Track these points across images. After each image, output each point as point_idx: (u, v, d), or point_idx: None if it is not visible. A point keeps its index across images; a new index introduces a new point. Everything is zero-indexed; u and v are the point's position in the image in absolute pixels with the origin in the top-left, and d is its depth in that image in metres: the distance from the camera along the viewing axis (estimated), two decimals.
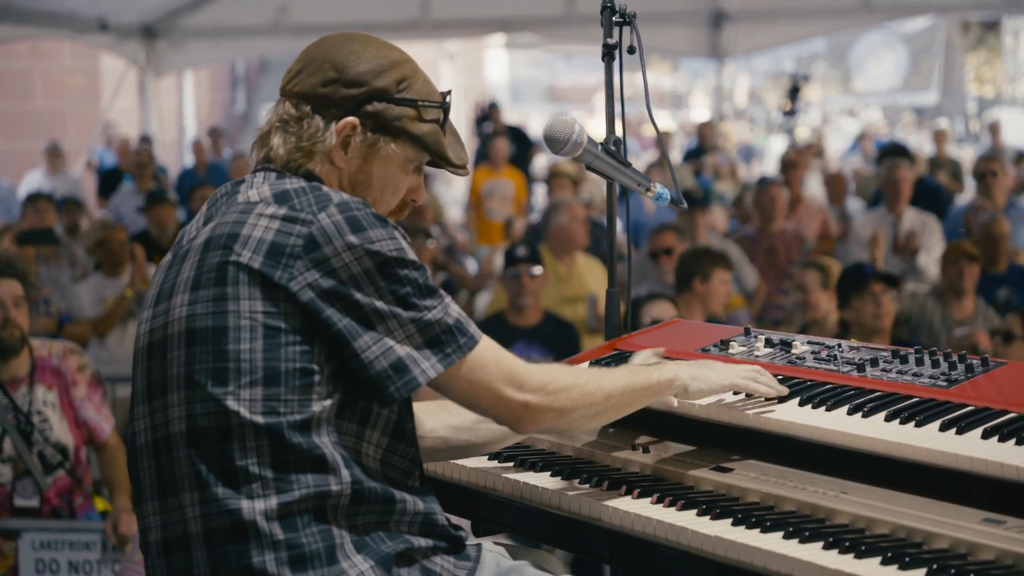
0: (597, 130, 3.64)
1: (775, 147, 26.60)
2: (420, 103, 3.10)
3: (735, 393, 3.39)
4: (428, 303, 2.91)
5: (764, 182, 11.40)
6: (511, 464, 3.58)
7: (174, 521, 2.94)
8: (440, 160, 3.15)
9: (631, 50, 3.85)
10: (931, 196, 12.91)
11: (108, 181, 16.76)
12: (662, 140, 3.65)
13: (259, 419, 2.85)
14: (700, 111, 28.81)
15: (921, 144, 24.29)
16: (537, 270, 8.47)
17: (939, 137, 21.74)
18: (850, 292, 8.10)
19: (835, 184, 14.74)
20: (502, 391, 3.00)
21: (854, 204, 15.25)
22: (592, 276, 9.75)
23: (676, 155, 19.35)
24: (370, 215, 2.91)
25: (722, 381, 3.35)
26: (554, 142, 3.51)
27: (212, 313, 2.89)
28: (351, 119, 3.05)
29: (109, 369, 8.59)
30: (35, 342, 6.32)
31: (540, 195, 17.78)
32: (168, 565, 2.96)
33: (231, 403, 2.86)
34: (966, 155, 25.73)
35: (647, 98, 3.77)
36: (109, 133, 20.18)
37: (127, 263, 9.79)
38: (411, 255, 2.92)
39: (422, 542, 2.98)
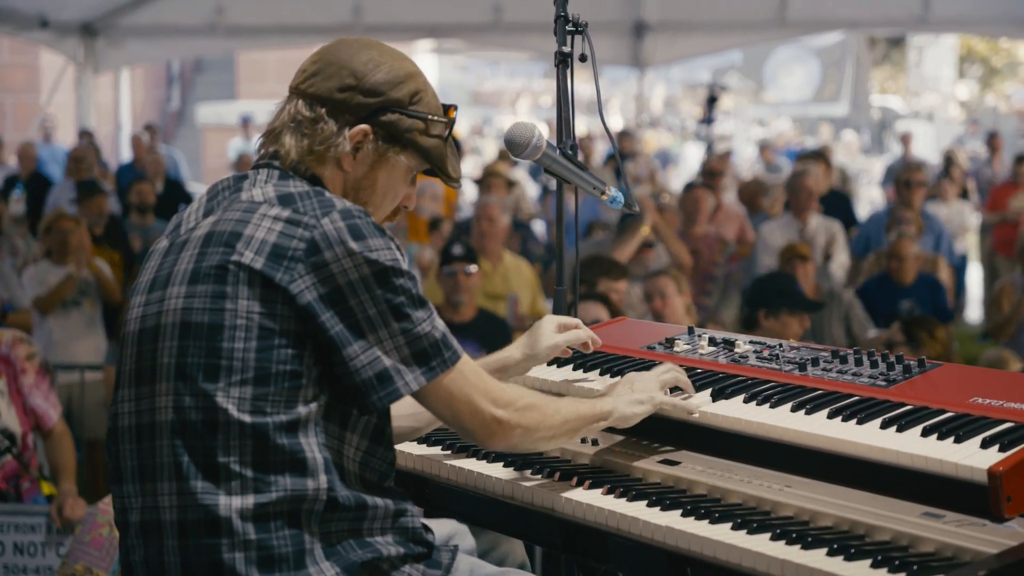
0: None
1: (690, 154, 26.74)
2: (430, 117, 3.10)
3: (672, 390, 3.41)
4: (419, 314, 2.90)
5: (689, 187, 11.44)
6: (464, 454, 3.58)
7: (150, 506, 2.92)
8: (441, 173, 3.16)
9: (583, 58, 3.85)
10: (839, 203, 13.03)
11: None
12: (615, 145, 3.66)
13: (246, 418, 2.83)
14: (618, 118, 28.88)
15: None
16: (472, 268, 8.48)
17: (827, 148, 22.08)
18: (768, 307, 8.11)
19: (749, 191, 14.81)
20: (479, 405, 3.00)
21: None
22: (518, 275, 9.76)
23: (598, 159, 19.36)
24: (370, 224, 2.89)
25: (648, 406, 3.33)
26: (515, 146, 3.52)
27: (209, 309, 2.87)
28: (365, 127, 3.04)
29: (50, 355, 8.52)
30: None
31: (469, 194, 17.76)
32: (145, 547, 2.94)
33: (220, 399, 2.84)
34: (874, 165, 26.03)
35: (599, 104, 3.78)
36: (47, 127, 19.97)
37: (74, 251, 9.70)
38: (405, 265, 2.91)
39: (392, 550, 2.95)
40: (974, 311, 15.29)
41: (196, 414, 2.85)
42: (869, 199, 23.03)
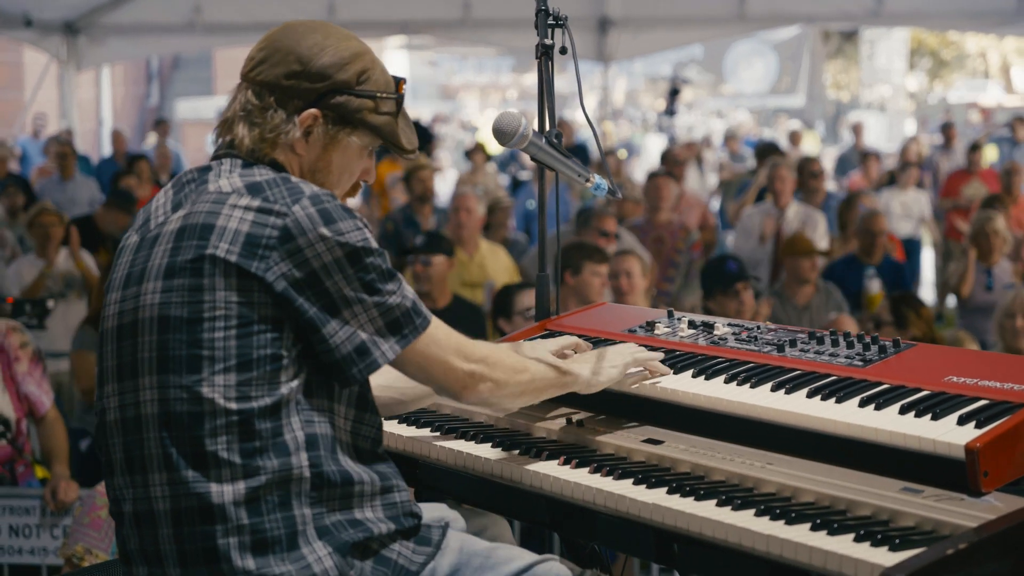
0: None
1: (652, 145, 26.76)
2: (379, 95, 3.05)
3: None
4: (390, 287, 2.89)
5: (653, 176, 11.44)
6: (452, 435, 3.55)
7: (141, 497, 2.88)
8: (394, 147, 3.11)
9: (563, 50, 3.83)
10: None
11: None
12: (597, 135, 3.63)
13: (232, 404, 2.80)
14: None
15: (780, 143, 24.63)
16: (433, 260, 8.47)
17: (794, 137, 22.21)
18: (714, 286, 8.22)
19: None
20: (451, 362, 3.01)
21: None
22: (495, 262, 9.74)
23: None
24: (338, 207, 2.87)
25: (615, 372, 3.35)
26: (502, 135, 3.49)
27: (188, 303, 2.83)
28: (314, 111, 2.99)
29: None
30: None
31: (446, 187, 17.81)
32: (140, 537, 2.91)
33: (205, 390, 2.80)
34: (828, 154, 26.09)
35: (580, 96, 3.77)
36: (37, 124, 19.90)
37: (57, 245, 9.67)
38: (374, 243, 2.89)
39: (382, 527, 2.93)
40: (927, 294, 15.32)
41: (181, 405, 2.82)
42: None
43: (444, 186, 18.92)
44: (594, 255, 8.15)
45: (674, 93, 19.11)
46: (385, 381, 3.38)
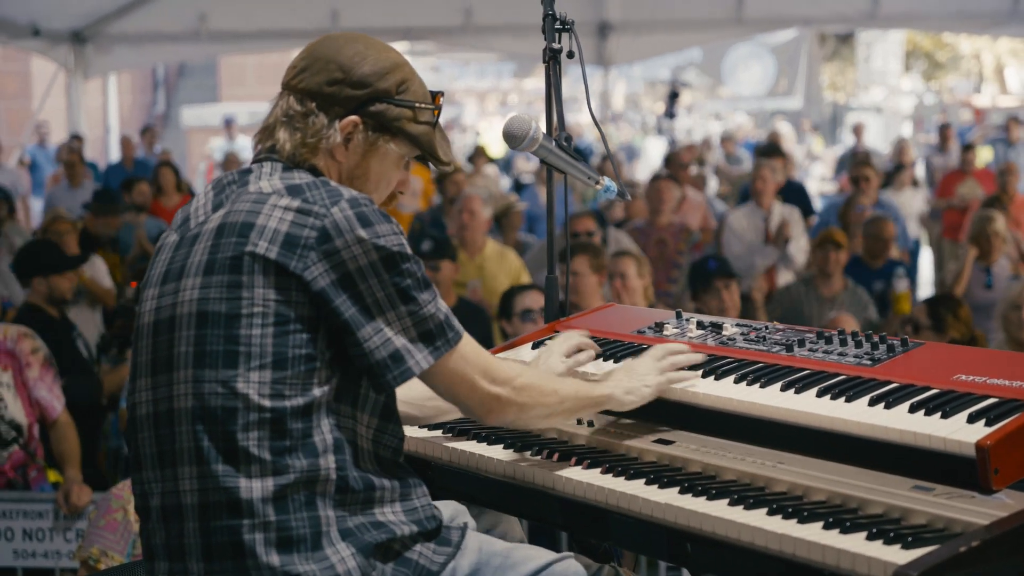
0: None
1: (652, 148, 26.74)
2: (417, 105, 3.06)
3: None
4: (424, 296, 2.88)
5: (655, 179, 11.44)
6: (464, 437, 3.54)
7: (170, 491, 2.88)
8: (431, 157, 3.12)
9: (570, 54, 3.82)
10: (796, 193, 13.11)
11: None
12: (605, 138, 3.62)
13: (266, 402, 2.80)
14: (583, 114, 28.85)
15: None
16: (441, 265, 8.50)
17: (772, 137, 22.18)
18: (697, 285, 8.32)
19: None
20: (477, 383, 2.99)
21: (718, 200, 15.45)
22: (501, 264, 9.72)
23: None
24: (376, 211, 2.87)
25: (648, 391, 3.30)
26: (513, 138, 3.47)
27: (226, 299, 2.83)
28: (354, 118, 3.00)
29: None
30: None
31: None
32: (166, 531, 2.90)
33: (241, 385, 2.80)
34: (827, 154, 26.07)
35: (587, 99, 3.75)
36: (41, 132, 19.90)
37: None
38: (409, 250, 2.89)
39: (404, 529, 2.92)
40: (926, 293, 15.30)
41: (216, 400, 2.81)
42: (819, 190, 23.04)
43: None
44: (588, 250, 8.22)
45: (673, 96, 19.09)
46: (409, 398, 3.40)
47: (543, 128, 3.57)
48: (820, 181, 24.86)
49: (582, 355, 3.54)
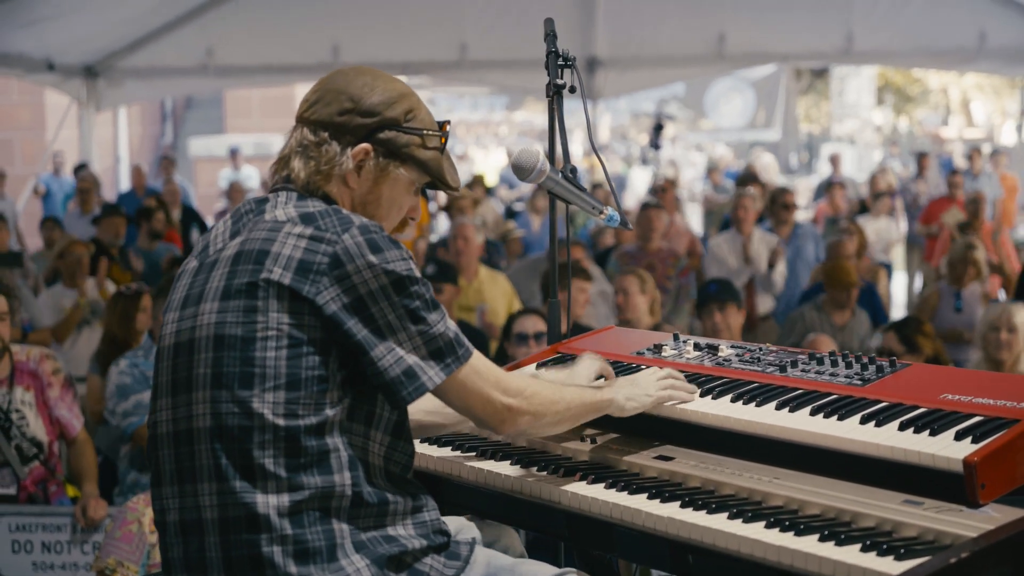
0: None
1: (637, 177, 26.76)
2: (425, 132, 3.08)
3: None
4: (433, 317, 2.90)
5: (645, 207, 11.48)
6: (473, 453, 3.55)
7: (190, 506, 2.88)
8: (440, 183, 3.13)
9: (572, 89, 3.84)
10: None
11: None
12: (606, 169, 3.64)
13: (280, 421, 2.80)
14: (572, 143, 28.88)
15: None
16: (444, 288, 8.55)
17: (750, 168, 22.15)
18: (698, 306, 8.45)
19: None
20: (491, 395, 3.00)
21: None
22: (494, 288, 9.74)
23: None
24: (386, 238, 2.88)
25: (648, 400, 3.32)
26: (521, 170, 3.49)
27: (242, 323, 2.84)
28: (365, 145, 3.02)
29: None
30: (14, 347, 6.21)
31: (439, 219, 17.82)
32: (184, 544, 2.90)
33: (256, 405, 2.81)
34: (802, 184, 26.11)
35: (589, 132, 3.78)
36: (56, 162, 19.90)
37: (85, 275, 9.70)
38: (418, 273, 2.90)
39: (415, 543, 2.93)
40: (899, 316, 15.32)
41: (233, 419, 2.82)
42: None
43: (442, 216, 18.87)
44: (578, 273, 8.29)
45: (658, 128, 19.12)
46: (430, 407, 3.41)
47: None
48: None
49: (602, 381, 3.54)
